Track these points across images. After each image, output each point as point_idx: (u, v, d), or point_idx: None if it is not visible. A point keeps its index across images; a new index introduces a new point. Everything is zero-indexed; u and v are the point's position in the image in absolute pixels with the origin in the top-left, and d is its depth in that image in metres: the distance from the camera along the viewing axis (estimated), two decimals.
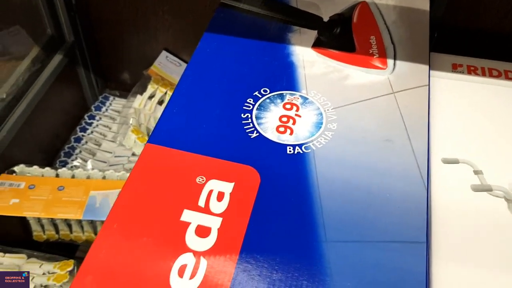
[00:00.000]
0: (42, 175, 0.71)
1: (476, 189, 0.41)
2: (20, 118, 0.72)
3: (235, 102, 0.45)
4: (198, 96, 0.46)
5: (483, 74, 0.51)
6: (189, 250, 0.35)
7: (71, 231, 0.78)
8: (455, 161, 0.44)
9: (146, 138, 0.84)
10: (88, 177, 0.72)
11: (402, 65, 0.50)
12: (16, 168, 0.71)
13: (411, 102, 0.46)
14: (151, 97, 0.91)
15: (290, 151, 0.41)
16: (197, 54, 0.50)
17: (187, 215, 0.37)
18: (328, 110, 0.45)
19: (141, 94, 0.91)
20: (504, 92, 0.48)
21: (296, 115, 0.44)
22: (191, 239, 0.35)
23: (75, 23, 0.81)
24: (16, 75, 0.77)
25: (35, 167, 0.71)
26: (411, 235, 0.36)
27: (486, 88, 0.49)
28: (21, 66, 0.78)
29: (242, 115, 0.44)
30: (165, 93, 0.92)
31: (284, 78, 0.47)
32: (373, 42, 0.52)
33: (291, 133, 0.43)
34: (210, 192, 0.38)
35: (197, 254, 0.34)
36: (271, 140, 0.42)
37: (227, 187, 0.38)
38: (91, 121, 0.91)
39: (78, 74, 0.89)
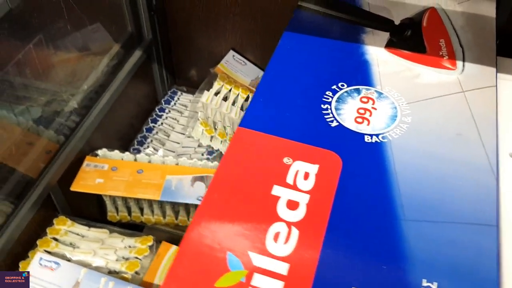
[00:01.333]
0: (122, 159, 0.78)
1: None
2: (105, 107, 0.79)
3: (315, 94, 0.50)
4: (281, 88, 0.51)
5: None
6: (282, 220, 0.39)
7: (142, 214, 0.85)
8: None
9: (213, 131, 0.90)
10: (163, 163, 0.78)
11: (471, 67, 0.53)
12: (99, 152, 0.78)
13: (480, 100, 0.49)
14: (217, 93, 0.97)
15: (368, 139, 0.46)
16: (278, 50, 0.55)
17: (277, 190, 0.42)
18: (402, 104, 0.49)
19: (208, 90, 0.97)
20: None
21: (372, 107, 0.48)
22: (283, 211, 0.40)
23: (153, 22, 0.89)
24: (100, 69, 0.85)
25: (116, 151, 0.78)
26: (483, 218, 0.39)
27: None
28: (104, 60, 0.85)
29: (322, 105, 0.49)
30: (230, 90, 0.98)
31: (359, 74, 0.52)
32: (443, 44, 0.56)
33: (368, 124, 0.47)
34: (297, 171, 0.43)
35: (289, 224, 0.39)
36: (350, 129, 0.46)
37: (312, 168, 0.43)
38: (161, 113, 0.98)
39: (152, 69, 0.96)
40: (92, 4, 0.83)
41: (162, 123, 0.97)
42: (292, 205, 0.41)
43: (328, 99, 0.49)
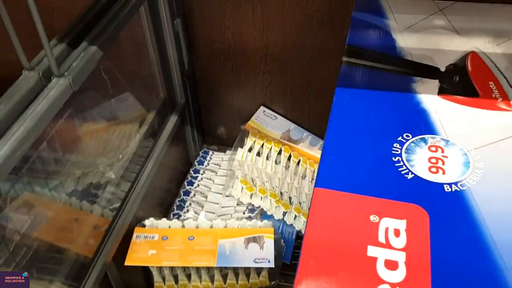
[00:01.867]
0: (169, 227, 0.78)
1: None
2: (148, 177, 0.79)
3: (382, 147, 0.50)
4: (347, 144, 0.51)
5: None
6: (385, 282, 0.39)
7: (189, 281, 0.83)
8: None
9: (253, 188, 0.90)
10: (211, 227, 0.78)
11: None
12: (146, 222, 0.78)
13: None
14: (250, 149, 0.98)
15: (447, 189, 0.46)
16: (335, 106, 0.56)
17: (372, 251, 0.41)
18: (471, 150, 0.49)
19: (241, 147, 0.98)
20: None
21: (443, 156, 0.49)
22: (383, 272, 0.40)
23: (185, 87, 0.90)
24: (138, 138, 0.86)
25: (164, 219, 0.78)
26: None
27: None
28: (141, 129, 0.86)
29: (393, 158, 0.49)
30: (262, 145, 0.99)
31: (421, 123, 0.53)
32: (493, 87, 0.57)
33: (443, 173, 0.47)
34: (387, 229, 0.43)
35: (393, 285, 0.39)
36: (427, 180, 0.47)
37: (401, 224, 0.43)
38: (196, 175, 0.98)
39: (185, 132, 0.97)
40: (127, 74, 0.85)
41: (198, 185, 0.97)
42: (391, 265, 0.40)
43: (397, 151, 0.50)
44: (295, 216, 0.90)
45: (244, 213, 0.91)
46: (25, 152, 0.45)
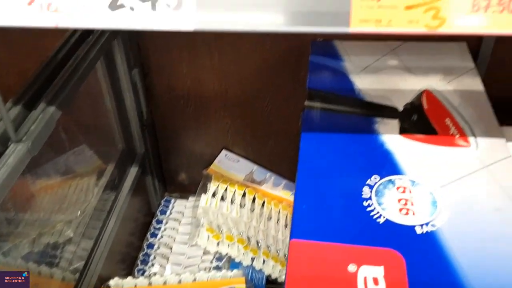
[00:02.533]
0: (135, 285, 0.74)
1: None
2: (111, 234, 0.76)
3: (353, 191, 0.51)
4: (318, 191, 0.51)
5: None
6: None
7: None
8: None
9: (220, 235, 0.88)
10: (179, 282, 0.75)
11: (482, 141, 0.56)
12: (111, 282, 0.74)
13: (503, 172, 0.52)
14: (213, 194, 0.96)
15: (419, 231, 0.46)
16: (302, 153, 0.56)
17: None
18: (436, 189, 0.50)
19: (205, 193, 0.96)
20: None
21: (411, 196, 0.50)
22: None
23: (145, 136, 0.89)
24: (98, 193, 0.82)
25: (129, 278, 0.74)
26: None
27: None
28: (100, 183, 0.83)
29: (364, 202, 0.49)
30: (226, 189, 0.97)
31: (388, 165, 0.54)
32: (449, 123, 0.59)
33: (413, 214, 0.48)
34: (365, 278, 0.42)
35: None
36: (399, 223, 0.47)
37: (379, 271, 0.43)
38: (159, 225, 0.95)
39: (146, 182, 0.94)
40: (83, 127, 0.82)
41: (162, 236, 0.94)
42: None
43: (367, 194, 0.50)
44: (264, 260, 0.89)
45: (211, 262, 0.89)
46: None
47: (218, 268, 0.86)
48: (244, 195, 0.98)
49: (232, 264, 0.88)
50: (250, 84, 0.86)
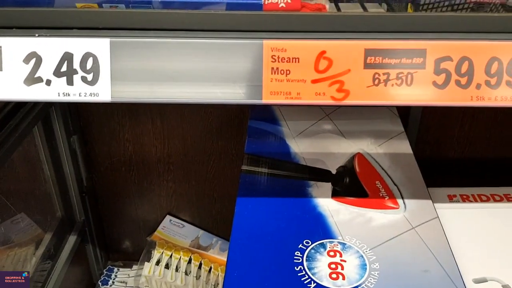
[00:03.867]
0: None
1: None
2: None
3: (285, 256, 0.51)
4: (250, 258, 0.51)
5: (475, 200, 0.61)
6: None
7: None
8: (484, 280, 0.50)
9: None
10: None
11: (411, 203, 0.58)
12: None
13: (430, 233, 0.54)
14: (157, 262, 0.94)
15: None
16: (237, 218, 0.56)
17: None
18: (366, 251, 0.51)
19: (148, 261, 0.93)
20: (502, 213, 0.58)
21: (341, 260, 0.50)
22: None
23: (85, 203, 0.86)
24: (33, 263, 0.78)
25: None
26: None
27: (484, 212, 0.59)
28: (36, 253, 0.80)
29: (295, 267, 0.49)
30: (171, 256, 0.95)
31: (319, 228, 0.54)
32: (379, 186, 0.61)
33: (343, 278, 0.48)
34: None
35: None
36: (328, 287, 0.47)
37: None
38: None
39: (86, 251, 0.91)
40: (20, 195, 0.80)
41: None
42: None
43: (299, 259, 0.50)
44: None
45: None
46: None
47: None
48: (190, 261, 0.96)
49: None
50: (193, 148, 0.87)
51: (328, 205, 0.58)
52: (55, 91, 0.36)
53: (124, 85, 0.37)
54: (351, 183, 0.62)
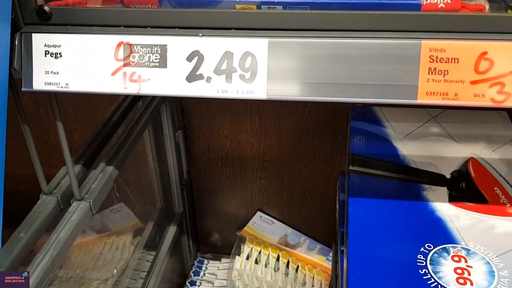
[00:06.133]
0: None
1: None
2: None
3: (407, 259, 0.50)
4: (371, 258, 0.51)
5: None
6: None
7: None
8: None
9: None
10: None
11: None
12: None
13: None
14: (247, 257, 0.96)
15: None
16: (352, 218, 0.56)
17: None
18: (492, 258, 0.50)
19: (239, 255, 0.95)
20: None
21: (467, 266, 0.49)
22: None
23: (183, 196, 0.90)
24: (132, 250, 0.83)
25: None
26: None
27: None
28: (136, 241, 0.84)
29: (420, 270, 0.49)
30: (259, 251, 0.97)
31: (440, 233, 0.53)
32: (499, 192, 0.59)
33: (471, 284, 0.47)
34: None
35: None
36: None
37: None
38: (193, 287, 0.94)
39: (181, 242, 0.95)
40: (123, 186, 0.84)
41: None
42: None
43: (422, 262, 0.50)
44: None
45: None
46: None
47: None
48: (278, 258, 0.97)
49: None
50: (288, 147, 0.88)
51: (446, 210, 0.57)
52: (214, 88, 0.38)
53: (279, 83, 0.38)
54: (468, 189, 0.60)
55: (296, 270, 0.97)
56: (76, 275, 0.80)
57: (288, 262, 0.97)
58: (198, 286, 0.95)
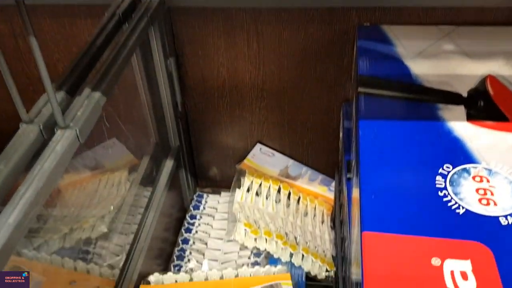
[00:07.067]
0: (176, 281, 0.71)
1: None
2: (150, 229, 0.73)
3: (424, 181, 0.47)
4: (385, 180, 0.47)
5: None
6: None
7: None
8: None
9: (258, 231, 0.85)
10: (221, 278, 0.71)
11: None
12: (151, 278, 0.71)
13: None
14: (248, 190, 0.93)
15: (504, 222, 0.42)
16: (363, 141, 0.52)
17: None
18: None
19: (239, 188, 0.92)
20: None
21: (490, 186, 0.46)
22: None
23: (179, 129, 0.85)
24: (128, 186, 0.79)
25: (169, 274, 0.71)
26: None
27: None
28: (132, 177, 0.80)
29: (439, 192, 0.46)
30: (260, 184, 0.94)
31: (459, 153, 0.50)
32: None
33: (495, 204, 0.44)
34: (452, 272, 0.39)
35: None
36: (480, 214, 0.43)
37: (466, 265, 0.39)
38: (193, 221, 0.92)
39: (179, 177, 0.91)
40: (114, 120, 0.79)
41: (196, 231, 0.91)
42: None
43: (441, 184, 0.46)
44: (303, 256, 0.85)
45: (249, 258, 0.85)
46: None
47: (257, 264, 0.83)
48: (279, 190, 0.95)
49: (271, 260, 0.85)
50: (289, 73, 0.82)
51: (465, 129, 0.53)
52: None
53: None
54: (486, 107, 0.56)
55: (298, 201, 0.95)
56: (71, 213, 0.77)
57: (289, 193, 0.94)
58: (199, 219, 0.93)
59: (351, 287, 0.56)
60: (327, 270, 0.85)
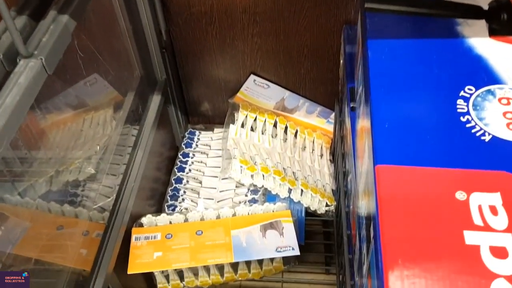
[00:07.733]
0: (170, 222, 0.67)
1: None
2: (140, 168, 0.68)
3: (444, 105, 0.41)
4: (401, 106, 0.42)
5: None
6: (498, 275, 0.30)
7: (196, 277, 0.74)
8: None
9: (255, 167, 0.80)
10: (218, 217, 0.68)
11: None
12: (143, 220, 0.67)
13: None
14: (242, 125, 0.88)
15: None
16: (373, 64, 0.46)
17: (471, 237, 0.32)
18: None
19: (233, 123, 0.87)
20: None
21: None
22: (491, 263, 0.31)
23: (165, 61, 0.78)
24: (115, 124, 0.74)
25: (163, 215, 0.67)
26: None
27: None
28: (117, 114, 0.74)
29: (461, 118, 0.40)
30: (255, 118, 0.88)
31: (482, 73, 0.44)
32: None
33: None
34: (480, 207, 0.34)
35: (509, 278, 0.30)
36: (510, 141, 0.38)
37: (495, 199, 0.34)
38: (186, 159, 0.87)
39: (168, 113, 0.85)
40: (92, 53, 0.72)
41: (190, 170, 0.87)
42: (499, 252, 0.32)
43: (464, 108, 0.41)
44: (302, 191, 0.81)
45: (246, 195, 0.82)
46: None
47: (254, 201, 0.79)
48: (275, 124, 0.89)
49: (269, 196, 0.81)
50: None
51: (487, 46, 0.47)
52: None
53: None
54: (511, 20, 0.49)
55: (295, 135, 0.90)
56: (56, 155, 0.72)
57: (286, 127, 0.89)
58: (192, 157, 0.88)
59: (356, 221, 0.52)
60: (327, 205, 0.81)
